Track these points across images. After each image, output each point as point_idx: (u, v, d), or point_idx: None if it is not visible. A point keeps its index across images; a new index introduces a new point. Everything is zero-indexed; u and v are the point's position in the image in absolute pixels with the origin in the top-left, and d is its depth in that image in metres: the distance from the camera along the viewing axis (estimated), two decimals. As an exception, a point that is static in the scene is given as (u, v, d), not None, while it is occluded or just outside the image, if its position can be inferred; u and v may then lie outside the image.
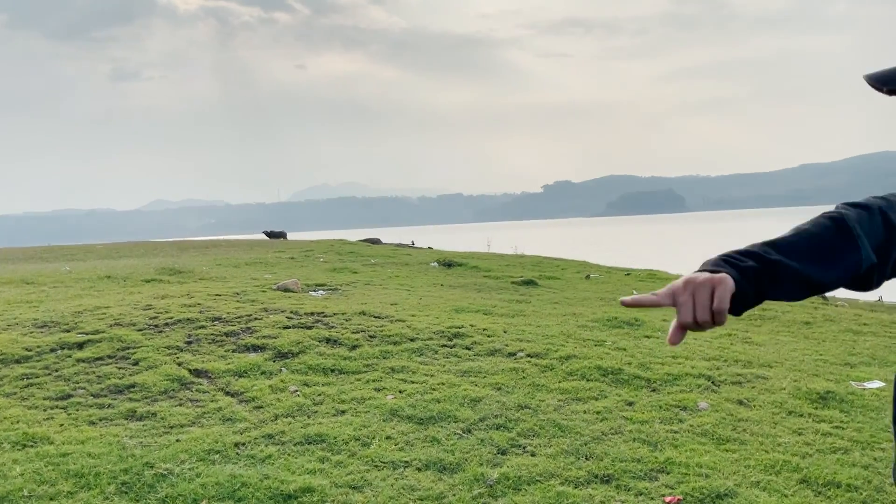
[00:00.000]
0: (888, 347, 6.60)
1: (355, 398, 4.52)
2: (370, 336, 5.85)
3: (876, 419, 4.27)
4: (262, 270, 12.45)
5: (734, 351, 5.84)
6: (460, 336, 5.92)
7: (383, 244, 27.19)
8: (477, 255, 19.71)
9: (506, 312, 7.49)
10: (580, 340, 5.97)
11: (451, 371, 5.09)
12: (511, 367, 5.15)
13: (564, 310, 8.05)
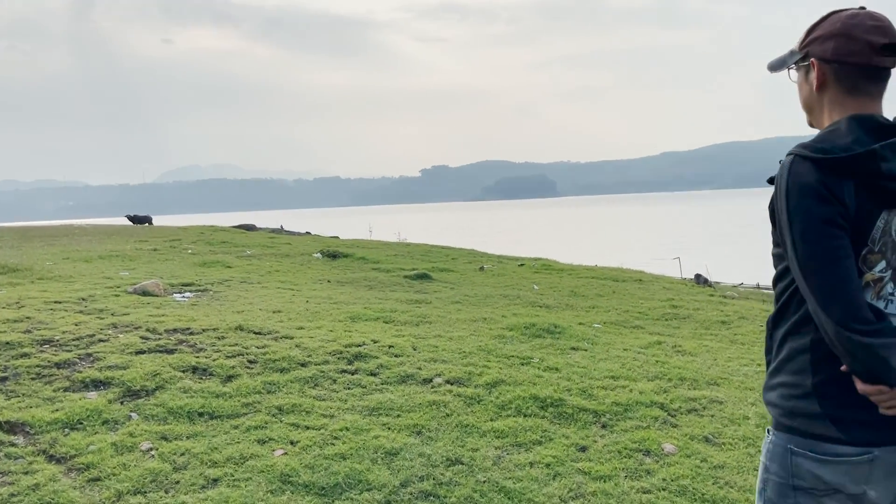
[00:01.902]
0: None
1: (232, 457, 3.41)
2: (250, 361, 4.70)
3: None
4: (119, 266, 10.80)
5: (673, 366, 5.17)
6: (362, 357, 4.89)
7: (259, 230, 25.51)
8: (361, 244, 18.62)
9: (408, 319, 6.52)
10: (503, 358, 5.09)
11: (357, 408, 4.06)
12: (430, 399, 4.18)
13: (471, 313, 7.18)
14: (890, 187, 1.45)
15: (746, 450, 3.70)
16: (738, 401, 4.44)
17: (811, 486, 1.52)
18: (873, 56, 1.51)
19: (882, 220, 1.49)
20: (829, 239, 1.44)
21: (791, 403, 1.56)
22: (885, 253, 1.50)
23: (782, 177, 1.50)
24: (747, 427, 3.99)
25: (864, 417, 1.49)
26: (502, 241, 39.97)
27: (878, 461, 1.49)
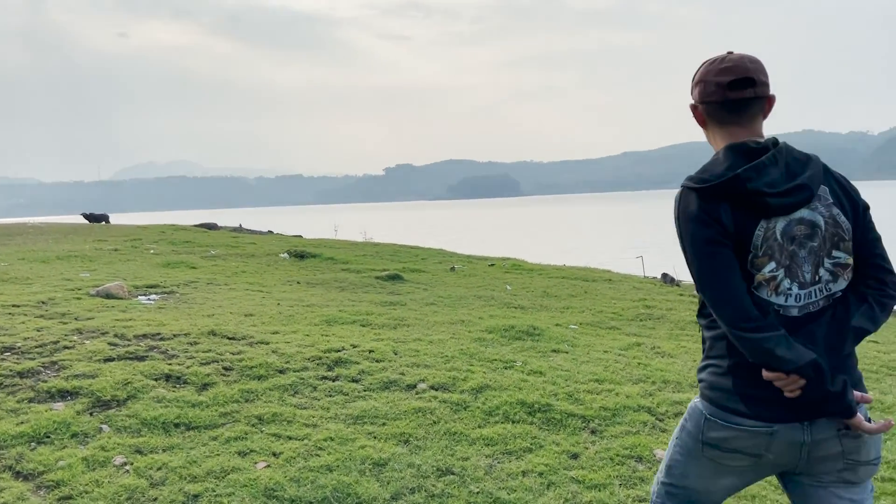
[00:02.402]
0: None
1: (212, 471, 3.25)
2: (225, 368, 4.53)
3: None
4: (79, 267, 10.44)
5: (655, 368, 5.14)
6: (343, 363, 4.75)
7: (221, 229, 25.06)
8: (328, 244, 18.39)
9: (386, 322, 6.39)
10: (486, 362, 5.00)
11: (340, 417, 3.93)
12: (415, 406, 4.07)
13: (448, 315, 7.08)
14: (759, 202, 1.70)
15: (738, 455, 3.67)
16: (724, 404, 4.41)
17: (719, 445, 1.79)
18: (726, 92, 1.79)
19: (761, 229, 1.72)
20: (713, 256, 1.72)
21: (713, 379, 1.82)
22: (773, 255, 1.73)
23: (675, 207, 1.79)
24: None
25: (769, 396, 1.72)
26: (469, 240, 39.94)
27: (777, 435, 1.73)
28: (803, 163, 1.77)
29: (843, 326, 1.75)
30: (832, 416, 1.72)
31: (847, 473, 1.77)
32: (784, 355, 1.66)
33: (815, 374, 1.67)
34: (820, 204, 1.76)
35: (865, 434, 1.74)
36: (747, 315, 1.69)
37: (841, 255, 1.77)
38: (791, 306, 1.74)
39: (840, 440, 1.74)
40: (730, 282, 1.71)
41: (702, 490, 1.88)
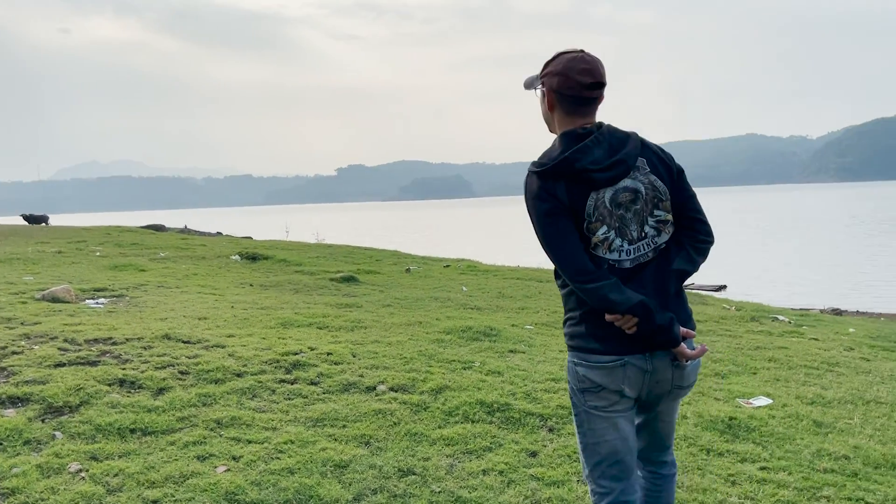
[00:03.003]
0: (739, 349, 6.46)
1: (171, 476, 3.21)
2: (181, 372, 4.47)
3: (793, 452, 3.82)
4: (21, 270, 10.13)
5: (609, 366, 5.26)
6: (301, 366, 4.74)
7: (169, 231, 24.55)
8: (280, 245, 18.21)
9: (343, 325, 6.38)
10: (445, 363, 5.05)
11: (300, 420, 3.92)
12: (375, 408, 4.09)
13: (405, 316, 7.11)
14: (586, 177, 2.06)
15: (688, 449, 3.79)
16: (675, 400, 4.55)
17: (588, 387, 2.13)
18: (583, 90, 2.11)
19: (592, 199, 2.08)
20: (553, 225, 2.08)
21: (572, 330, 2.18)
22: (604, 220, 2.09)
23: (524, 188, 2.14)
24: (686, 426, 4.09)
25: (616, 334, 2.07)
26: (423, 241, 39.97)
27: (628, 365, 2.09)
28: (623, 140, 2.12)
29: (666, 271, 2.12)
30: (663, 345, 2.07)
31: (672, 395, 2.19)
32: (616, 299, 2.02)
33: (643, 311, 2.02)
34: (639, 174, 2.12)
35: (688, 364, 2.13)
36: (584, 269, 2.05)
37: (661, 214, 2.14)
38: (624, 260, 2.11)
39: (672, 369, 2.12)
40: (568, 244, 2.07)
41: (615, 451, 2.16)
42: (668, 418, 2.27)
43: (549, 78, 2.15)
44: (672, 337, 2.05)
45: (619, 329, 2.07)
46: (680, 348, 2.07)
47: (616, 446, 2.16)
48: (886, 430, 4.25)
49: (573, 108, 2.14)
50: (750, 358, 6.06)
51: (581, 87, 2.10)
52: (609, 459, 2.17)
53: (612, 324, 2.07)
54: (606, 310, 2.05)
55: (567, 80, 2.10)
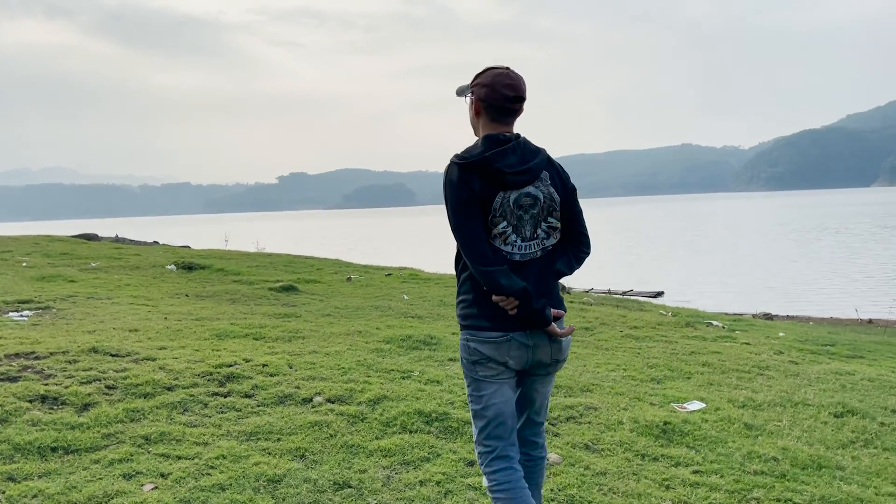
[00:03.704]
0: (674, 354, 6.60)
1: (94, 496, 3.07)
2: (108, 387, 4.30)
3: (725, 455, 3.90)
4: (-61, 281, 9.63)
5: (548, 373, 5.29)
6: (235, 378, 4.61)
7: (102, 240, 23.74)
8: (218, 254, 17.81)
9: (280, 335, 6.26)
10: (384, 373, 4.99)
11: (233, 434, 3.81)
12: (311, 420, 4.01)
13: (345, 326, 7.02)
14: (500, 177, 2.36)
15: (625, 455, 3.83)
16: (612, 406, 4.60)
17: (478, 359, 2.45)
18: (506, 102, 2.42)
19: (499, 197, 2.38)
20: (465, 213, 2.36)
21: (465, 311, 2.48)
22: (505, 216, 2.40)
23: (444, 176, 2.39)
24: (623, 432, 4.14)
25: (502, 314, 2.40)
26: (365, 249, 39.73)
27: (513, 341, 2.42)
28: (534, 153, 2.45)
29: (549, 268, 2.49)
30: (537, 325, 2.41)
31: (551, 367, 2.53)
32: (505, 283, 2.35)
33: (524, 296, 2.36)
34: (541, 184, 2.45)
35: (563, 340, 2.48)
36: (484, 254, 2.36)
37: (553, 221, 2.49)
38: (515, 253, 2.44)
39: (550, 345, 2.46)
40: (473, 231, 2.37)
41: (499, 413, 2.47)
42: (543, 389, 2.59)
43: (478, 88, 2.45)
44: (544, 318, 2.41)
45: (505, 310, 2.40)
46: (551, 327, 2.43)
47: (500, 408, 2.48)
48: (813, 432, 4.38)
49: (496, 117, 2.45)
50: (684, 363, 6.19)
51: (505, 100, 2.41)
52: (495, 421, 2.48)
53: (500, 306, 2.40)
54: (495, 292, 2.37)
55: (493, 91, 2.41)
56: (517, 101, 2.43)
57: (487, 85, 2.42)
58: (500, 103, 2.42)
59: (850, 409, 4.85)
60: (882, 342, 10.53)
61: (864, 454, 4.04)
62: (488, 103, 2.43)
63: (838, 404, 4.93)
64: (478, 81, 2.46)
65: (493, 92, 2.41)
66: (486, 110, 2.45)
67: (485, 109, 2.45)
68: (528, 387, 2.57)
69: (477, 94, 2.45)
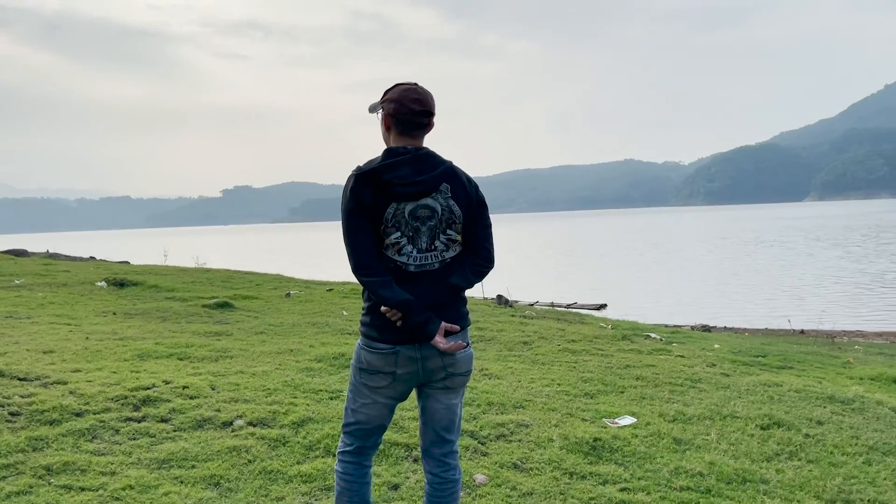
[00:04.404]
0: (609, 368, 6.61)
1: (-17, 535, 2.85)
2: (11, 414, 4.03)
3: (652, 471, 3.87)
4: None
5: (481, 391, 5.22)
6: (151, 402, 4.39)
7: (32, 256, 22.81)
8: (154, 270, 17.30)
9: (206, 355, 6.03)
10: (311, 393, 4.84)
11: (143, 462, 3.61)
12: (229, 445, 3.83)
13: (277, 344, 6.82)
14: (390, 189, 2.39)
15: (552, 473, 3.77)
16: (543, 423, 4.55)
17: (366, 368, 2.50)
18: (413, 117, 2.46)
19: (392, 208, 2.40)
20: (352, 222, 2.40)
21: (362, 319, 2.54)
22: (399, 227, 2.42)
23: (344, 186, 2.45)
24: (552, 450, 4.08)
25: (391, 326, 2.42)
26: (310, 264, 39.18)
27: (399, 354, 2.44)
28: (433, 166, 2.45)
29: (444, 282, 2.48)
30: (419, 338, 2.42)
31: (447, 381, 2.52)
32: (384, 294, 2.37)
33: (405, 308, 2.38)
34: (440, 196, 2.46)
35: (457, 354, 2.48)
36: (365, 264, 2.40)
37: (452, 233, 2.49)
38: (410, 264, 2.45)
39: (441, 357, 2.46)
40: (358, 241, 2.40)
41: (368, 421, 2.55)
42: (444, 401, 2.57)
43: (387, 104, 2.49)
44: (426, 332, 2.40)
45: (394, 322, 2.41)
46: (434, 341, 2.41)
47: (369, 418, 2.55)
48: (740, 445, 4.41)
49: (405, 131, 2.48)
50: (619, 377, 6.19)
51: (412, 114, 2.45)
52: (360, 425, 2.57)
53: (389, 318, 2.42)
54: (380, 302, 2.41)
55: (401, 106, 2.45)
56: (425, 116, 2.47)
57: (395, 100, 2.46)
58: (407, 117, 2.45)
59: (777, 420, 4.90)
60: (811, 352, 10.82)
61: (789, 467, 4.08)
62: (397, 118, 2.46)
63: (765, 416, 4.98)
64: (387, 97, 2.50)
65: (401, 107, 2.45)
66: (396, 125, 2.48)
67: (394, 124, 2.48)
68: (429, 399, 2.57)
69: (386, 109, 2.50)
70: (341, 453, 2.61)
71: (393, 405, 2.56)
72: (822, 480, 3.87)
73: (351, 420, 2.58)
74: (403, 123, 2.47)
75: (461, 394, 2.62)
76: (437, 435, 2.60)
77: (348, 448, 2.60)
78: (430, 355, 2.45)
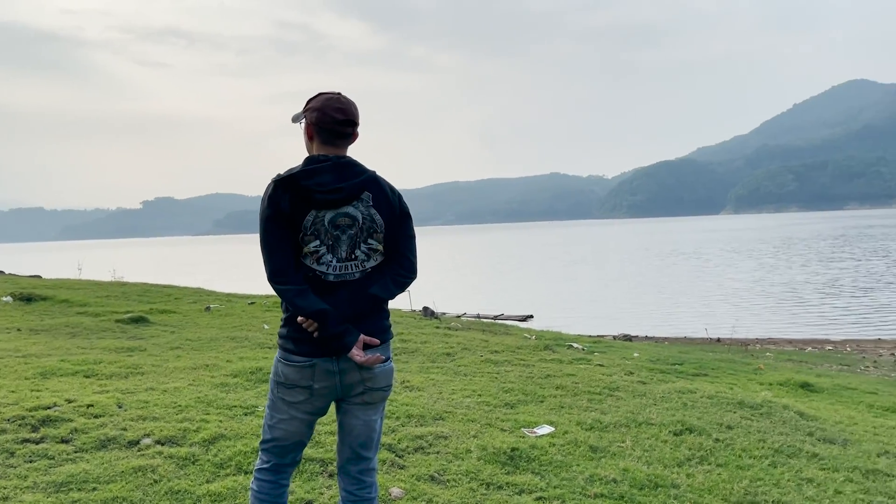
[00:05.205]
0: (530, 378, 6.67)
1: None
2: None
3: (568, 479, 3.91)
4: None
5: (401, 403, 5.17)
6: (51, 422, 4.16)
7: (-68, 270, 21.46)
8: (66, 284, 16.53)
9: (116, 371, 5.78)
10: (225, 409, 4.69)
11: (40, 486, 3.40)
12: (134, 465, 3.66)
13: (193, 359, 6.60)
14: (309, 196, 2.34)
15: (469, 485, 3.76)
16: (462, 434, 4.54)
17: (283, 382, 2.43)
18: (336, 126, 2.42)
19: (311, 216, 2.36)
20: (269, 229, 2.35)
21: (280, 331, 2.46)
22: (319, 235, 2.37)
23: (264, 192, 2.39)
24: (470, 461, 4.07)
25: (307, 338, 2.36)
26: (234, 277, 38.26)
27: (316, 367, 2.38)
28: (355, 174, 2.41)
29: (364, 292, 2.43)
30: (336, 351, 2.35)
31: (366, 396, 2.46)
32: (299, 303, 2.32)
33: (321, 319, 2.32)
34: (361, 205, 2.42)
35: (376, 368, 2.42)
36: (281, 272, 2.34)
37: (373, 243, 2.45)
38: (329, 273, 2.39)
39: (359, 371, 2.40)
40: (275, 248, 2.35)
41: (285, 438, 2.47)
42: (362, 416, 2.50)
43: (310, 113, 2.46)
44: (343, 344, 2.35)
45: (311, 334, 2.35)
46: (350, 353, 2.36)
47: (287, 434, 2.48)
48: (653, 451, 4.51)
49: (328, 140, 2.44)
50: (539, 386, 6.26)
51: (335, 123, 2.41)
52: (277, 441, 2.49)
53: (306, 329, 2.36)
54: (296, 312, 2.35)
55: (324, 115, 2.42)
56: (348, 125, 2.44)
57: (318, 109, 2.43)
58: (330, 127, 2.42)
59: (689, 426, 5.05)
60: (725, 360, 11.24)
61: (699, 471, 4.19)
62: (319, 127, 2.43)
63: (678, 423, 5.12)
64: (309, 106, 2.47)
65: (324, 116, 2.42)
66: (318, 134, 2.44)
67: (317, 133, 2.45)
68: (346, 415, 2.50)
69: (309, 118, 2.46)
70: (258, 471, 2.53)
71: (312, 421, 2.49)
72: (730, 483, 4.00)
73: (268, 437, 2.50)
74: (326, 133, 2.43)
75: (381, 409, 2.55)
76: (354, 452, 2.54)
77: (265, 465, 2.52)
78: (347, 369, 2.38)
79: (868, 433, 5.73)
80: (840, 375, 10.96)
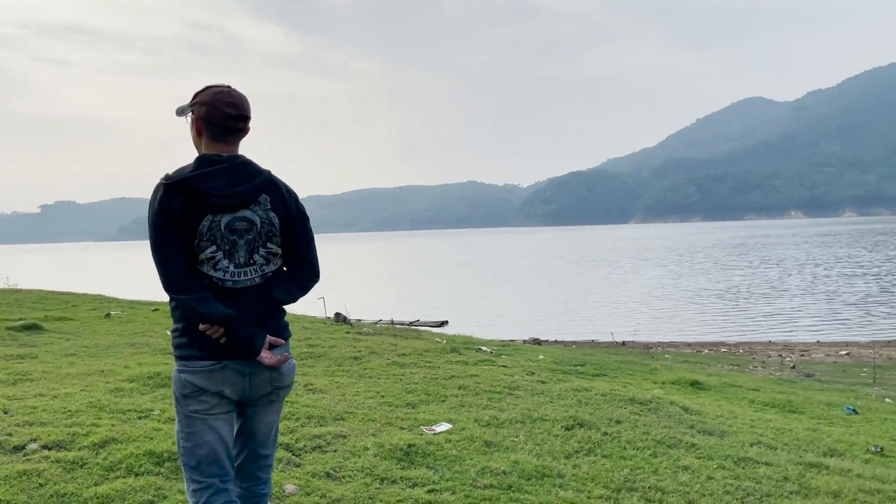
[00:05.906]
0: (434, 379, 6.81)
1: None
2: None
3: (460, 472, 4.06)
4: None
5: (301, 405, 5.21)
6: (-71, 429, 4.00)
7: None
8: (-47, 291, 15.58)
9: (3, 378, 5.56)
10: (118, 413, 4.61)
11: (-88, 494, 3.28)
12: (19, 469, 3.57)
13: (88, 365, 6.42)
14: (204, 199, 2.25)
15: (364, 480, 3.85)
16: (361, 433, 4.63)
17: (190, 392, 2.29)
18: (227, 121, 2.34)
19: (207, 220, 2.27)
20: (160, 235, 2.23)
21: (177, 341, 2.33)
22: (215, 241, 2.29)
23: (151, 195, 2.27)
24: (367, 458, 4.16)
25: (214, 342, 2.26)
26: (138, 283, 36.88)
27: (228, 369, 2.29)
28: (251, 176, 2.35)
29: (266, 297, 2.37)
30: (245, 354, 2.30)
31: (272, 395, 2.42)
32: (202, 311, 2.23)
33: (227, 324, 2.25)
34: (259, 208, 2.36)
35: (284, 367, 2.39)
36: (178, 280, 2.24)
37: (272, 247, 2.40)
38: (227, 279, 2.32)
39: (269, 372, 2.36)
40: (169, 256, 2.25)
41: (212, 451, 2.32)
42: (266, 419, 2.46)
43: (198, 107, 2.35)
44: (253, 347, 2.29)
45: (216, 339, 2.28)
46: (260, 357, 2.31)
47: (214, 447, 2.33)
48: (544, 445, 4.72)
49: (218, 136, 2.35)
50: (442, 387, 6.41)
51: (226, 118, 2.32)
52: (207, 460, 2.33)
53: (210, 335, 2.28)
54: (197, 319, 2.25)
55: (214, 110, 2.32)
56: (240, 120, 2.35)
57: (208, 103, 2.32)
58: (221, 122, 2.32)
59: (580, 421, 5.30)
60: (626, 361, 11.74)
61: (585, 462, 4.43)
62: (209, 122, 2.33)
63: (570, 418, 5.36)
64: (197, 100, 2.36)
65: (214, 110, 2.31)
66: (208, 129, 2.34)
67: (206, 128, 2.34)
68: (249, 418, 2.43)
69: (197, 112, 2.35)
70: (206, 501, 2.31)
71: (231, 420, 2.37)
72: (612, 472, 4.24)
73: (196, 460, 2.31)
74: (217, 128, 2.33)
75: (281, 408, 2.53)
76: (253, 451, 2.49)
77: (210, 490, 2.32)
78: (257, 371, 2.32)
79: (745, 425, 6.15)
80: (729, 375, 11.62)
